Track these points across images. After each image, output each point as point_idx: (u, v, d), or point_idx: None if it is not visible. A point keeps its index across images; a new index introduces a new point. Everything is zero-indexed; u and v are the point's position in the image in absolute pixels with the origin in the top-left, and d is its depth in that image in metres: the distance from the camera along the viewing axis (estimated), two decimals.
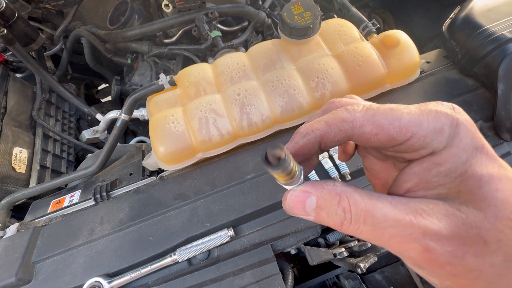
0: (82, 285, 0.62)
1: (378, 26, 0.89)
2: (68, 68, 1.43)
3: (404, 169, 0.25)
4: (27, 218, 0.80)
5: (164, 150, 0.72)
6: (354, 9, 0.97)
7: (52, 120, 1.15)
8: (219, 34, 1.05)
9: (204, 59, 1.11)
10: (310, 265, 0.63)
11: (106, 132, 1.12)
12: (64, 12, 1.40)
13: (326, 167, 0.69)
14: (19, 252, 0.69)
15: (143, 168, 0.82)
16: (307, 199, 0.24)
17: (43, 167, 1.00)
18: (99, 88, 1.91)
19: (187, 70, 0.84)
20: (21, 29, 1.02)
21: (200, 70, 0.83)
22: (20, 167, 0.93)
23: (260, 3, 1.16)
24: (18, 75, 1.26)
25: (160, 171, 0.82)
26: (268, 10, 1.13)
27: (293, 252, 0.68)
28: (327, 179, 0.68)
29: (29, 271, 0.67)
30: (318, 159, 0.31)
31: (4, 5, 0.95)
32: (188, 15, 1.05)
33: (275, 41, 0.86)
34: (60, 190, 0.88)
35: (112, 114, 1.05)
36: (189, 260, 0.65)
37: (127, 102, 0.80)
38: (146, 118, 0.96)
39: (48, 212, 0.79)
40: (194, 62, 1.07)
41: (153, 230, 0.68)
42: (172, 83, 0.80)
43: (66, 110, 1.26)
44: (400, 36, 0.77)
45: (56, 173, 1.06)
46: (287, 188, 0.25)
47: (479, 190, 0.22)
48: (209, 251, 0.65)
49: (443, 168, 0.23)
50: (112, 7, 1.24)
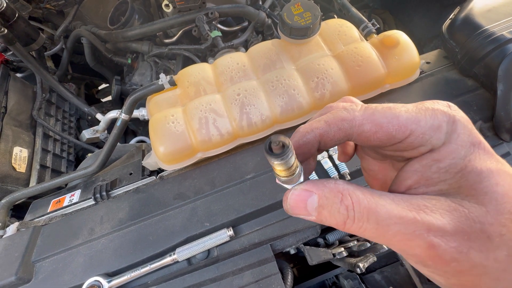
0: (82, 284, 0.62)
1: (378, 26, 0.90)
2: (68, 68, 1.43)
3: (404, 167, 0.25)
4: (27, 217, 0.80)
5: (164, 150, 0.72)
6: (354, 9, 0.98)
7: (52, 119, 1.15)
8: (219, 34, 1.05)
9: (204, 59, 1.11)
10: (309, 265, 0.63)
11: (106, 131, 1.12)
12: (65, 12, 1.40)
13: (326, 167, 0.70)
14: (19, 252, 0.69)
15: (143, 168, 0.82)
16: (309, 198, 0.23)
17: (43, 167, 1.00)
18: (99, 88, 1.92)
19: (187, 70, 0.84)
20: (21, 29, 1.02)
21: (200, 70, 0.83)
22: (20, 166, 0.93)
23: (260, 3, 1.16)
24: (19, 75, 1.26)
25: (160, 170, 0.82)
26: (268, 10, 1.13)
27: (292, 252, 0.68)
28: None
29: (29, 270, 0.67)
30: (315, 162, 0.31)
31: (4, 5, 0.95)
32: (188, 15, 1.05)
33: (275, 41, 0.86)
34: (60, 190, 0.88)
35: (112, 114, 1.06)
36: (188, 260, 0.65)
37: (127, 102, 0.80)
38: (146, 118, 0.96)
39: (48, 211, 0.79)
40: (194, 62, 1.07)
41: (152, 230, 0.68)
42: (172, 83, 0.80)
43: (66, 110, 1.26)
44: (400, 36, 0.77)
45: (56, 172, 1.06)
46: (287, 187, 0.25)
47: (480, 184, 0.22)
48: (208, 251, 0.65)
49: (443, 164, 0.23)
50: (112, 7, 1.24)
